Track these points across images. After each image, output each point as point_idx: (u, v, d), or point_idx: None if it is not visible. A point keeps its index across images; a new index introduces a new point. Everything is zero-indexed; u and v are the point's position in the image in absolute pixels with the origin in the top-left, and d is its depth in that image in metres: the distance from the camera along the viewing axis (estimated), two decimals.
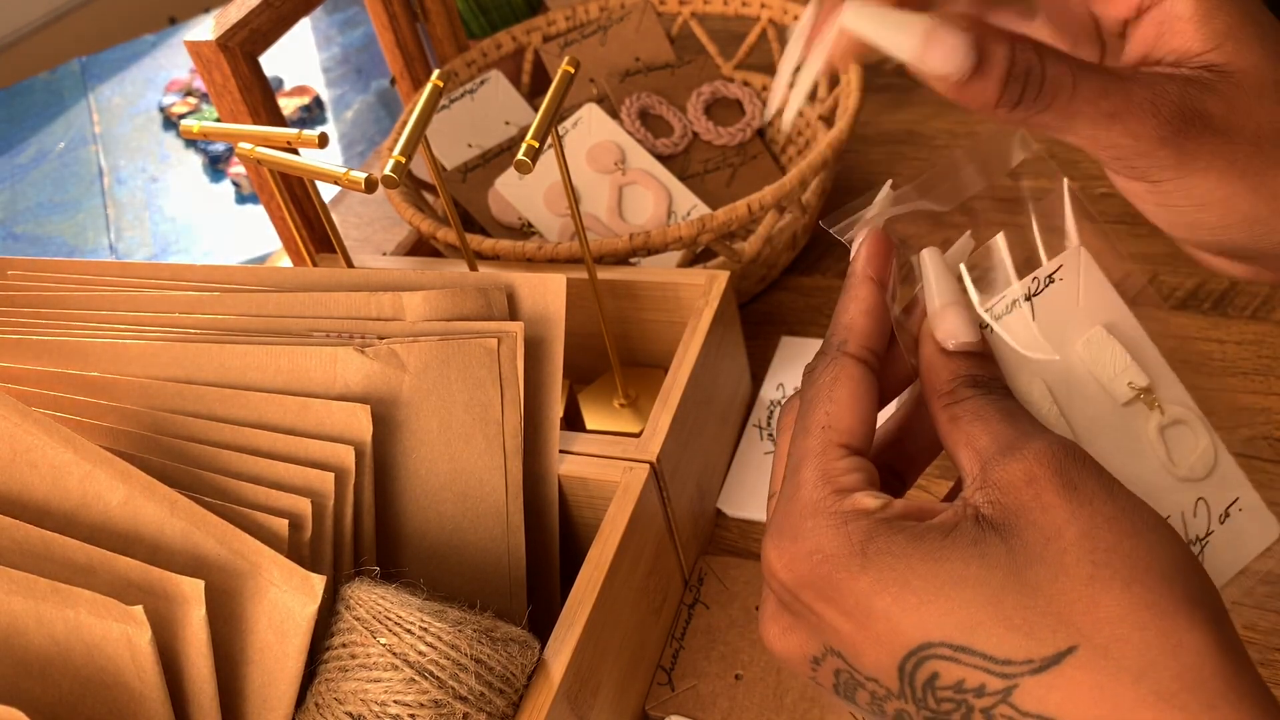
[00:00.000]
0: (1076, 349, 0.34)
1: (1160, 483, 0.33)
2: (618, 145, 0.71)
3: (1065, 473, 0.27)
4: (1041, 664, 0.25)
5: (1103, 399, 0.33)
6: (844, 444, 0.30)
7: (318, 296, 0.47)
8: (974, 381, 0.30)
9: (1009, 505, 0.27)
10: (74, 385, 0.43)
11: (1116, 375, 0.34)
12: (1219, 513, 0.33)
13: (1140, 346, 0.35)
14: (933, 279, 0.33)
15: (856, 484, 0.29)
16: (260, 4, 0.58)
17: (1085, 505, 0.26)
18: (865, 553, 0.27)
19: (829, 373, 0.32)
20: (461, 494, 0.44)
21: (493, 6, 0.90)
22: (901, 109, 0.82)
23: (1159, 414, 0.34)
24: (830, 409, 0.31)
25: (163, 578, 0.34)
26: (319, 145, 0.46)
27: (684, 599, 0.52)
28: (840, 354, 0.32)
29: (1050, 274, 0.34)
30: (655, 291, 0.56)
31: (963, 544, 0.27)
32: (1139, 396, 0.34)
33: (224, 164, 1.20)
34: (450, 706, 0.35)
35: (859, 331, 0.32)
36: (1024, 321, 0.33)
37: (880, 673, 0.27)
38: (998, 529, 0.27)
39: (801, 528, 0.29)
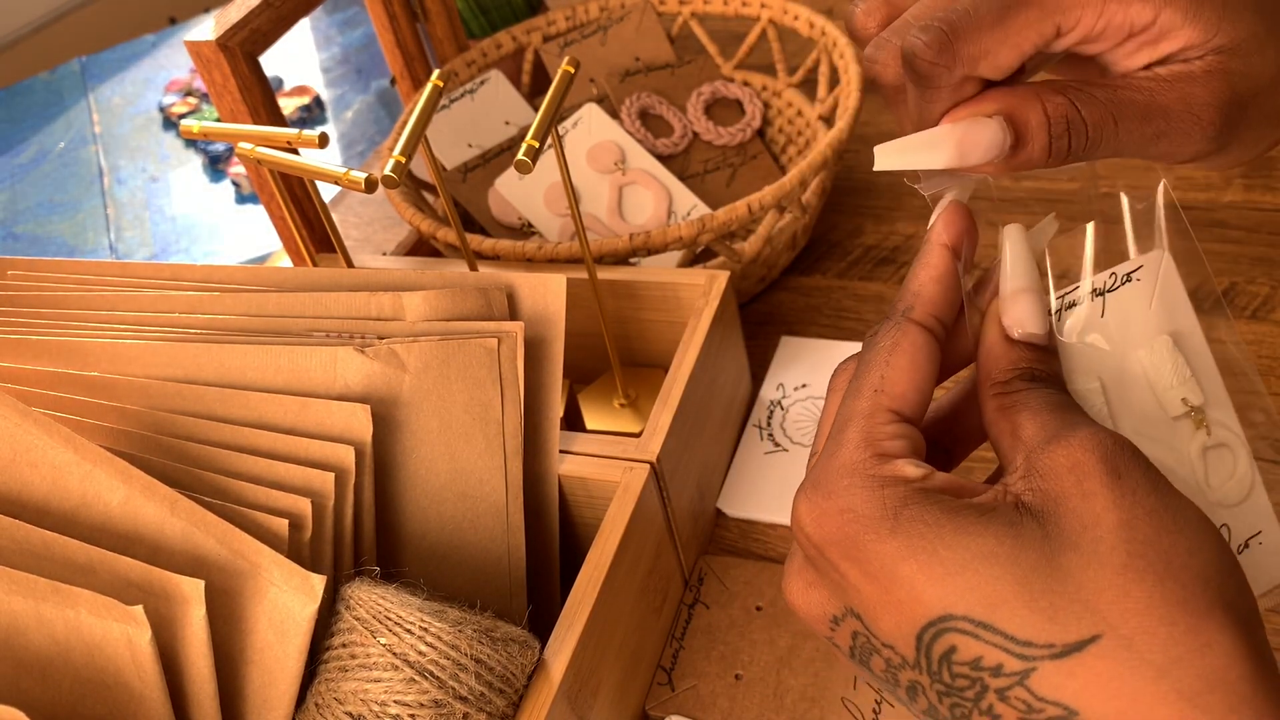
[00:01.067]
0: (1139, 353, 0.33)
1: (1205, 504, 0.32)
2: (618, 145, 0.71)
3: (1110, 460, 0.26)
4: (1063, 649, 0.24)
5: (1153, 408, 0.33)
6: (894, 409, 0.30)
7: (318, 296, 0.47)
8: (1031, 375, 0.30)
9: (1050, 491, 0.26)
10: (74, 385, 0.43)
11: (1172, 388, 0.33)
12: (1239, 543, 0.33)
13: (1202, 363, 0.34)
14: (1010, 259, 0.32)
15: (900, 450, 0.29)
16: (260, 4, 0.58)
17: (1128, 495, 0.26)
18: (898, 517, 0.27)
19: (890, 337, 0.31)
20: (461, 494, 0.44)
21: (493, 6, 0.90)
22: None
23: (1205, 434, 0.33)
24: (886, 373, 0.30)
25: (163, 578, 0.34)
26: (319, 145, 0.46)
27: (684, 599, 0.52)
28: (905, 319, 0.31)
29: (1129, 272, 0.33)
30: (655, 291, 0.56)
31: (999, 523, 0.26)
32: (1189, 414, 0.33)
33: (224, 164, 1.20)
34: (450, 706, 0.35)
35: (926, 298, 0.31)
36: (1092, 315, 0.32)
37: (898, 640, 0.27)
38: (1036, 514, 0.26)
39: (837, 485, 0.28)
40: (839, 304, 0.67)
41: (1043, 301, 0.31)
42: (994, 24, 0.30)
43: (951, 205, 0.33)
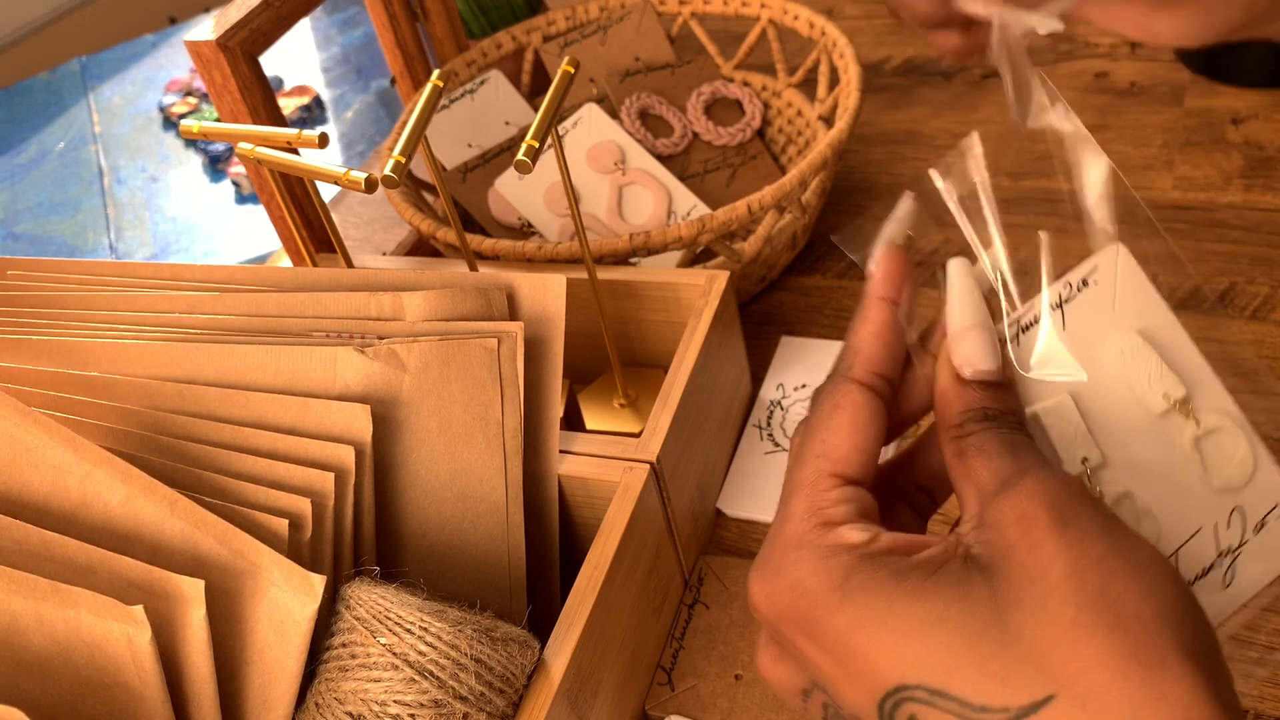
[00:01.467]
0: (1109, 359, 0.32)
1: (1196, 494, 0.32)
2: (618, 145, 0.71)
3: (1057, 507, 0.26)
4: (1018, 713, 0.24)
5: (1136, 410, 0.32)
6: (837, 474, 0.30)
7: (318, 296, 0.47)
8: (984, 415, 0.29)
9: (997, 544, 0.26)
10: (74, 385, 0.43)
11: (1151, 386, 0.32)
12: (1255, 522, 0.32)
13: (1180, 351, 0.33)
14: (956, 296, 0.31)
15: (845, 516, 0.29)
16: (260, 4, 0.58)
17: (1075, 544, 0.25)
18: (845, 588, 0.27)
19: (830, 398, 0.31)
20: (461, 494, 0.44)
21: (493, 6, 0.90)
22: (901, 109, 0.82)
23: (1194, 425, 0.32)
24: (827, 437, 0.30)
25: (163, 578, 0.34)
26: (319, 145, 0.46)
27: (684, 599, 0.52)
28: (844, 379, 0.31)
29: (1084, 277, 0.32)
30: (655, 291, 0.56)
31: (947, 583, 0.26)
32: (1174, 407, 0.32)
33: (224, 164, 1.20)
34: (450, 706, 0.35)
35: (865, 355, 0.31)
36: (1054, 332, 0.32)
37: (862, 711, 0.27)
38: (983, 569, 0.26)
39: (784, 561, 0.28)
40: (839, 304, 0.67)
41: (992, 336, 0.31)
42: None
43: (885, 251, 0.33)
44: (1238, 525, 0.32)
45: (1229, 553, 0.32)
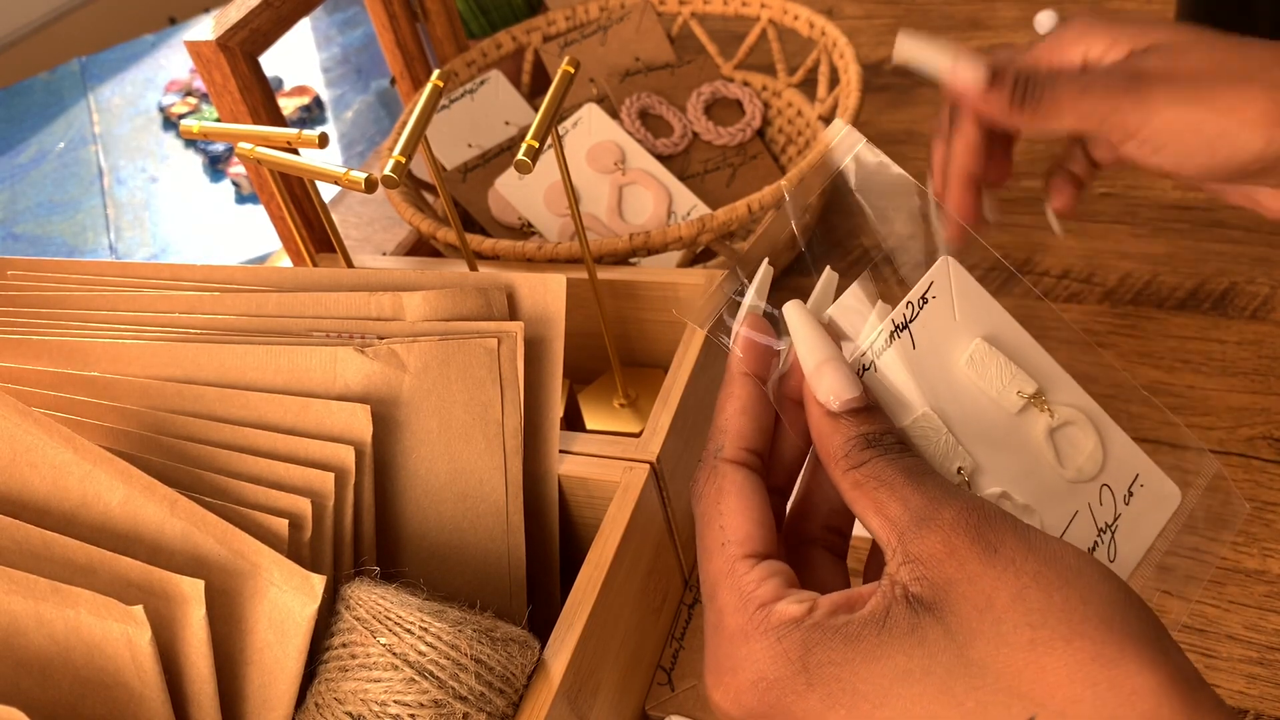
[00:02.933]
0: (961, 367, 0.33)
1: (1060, 485, 0.33)
2: (618, 145, 0.71)
3: (983, 537, 0.26)
4: None
5: (996, 413, 0.33)
6: (749, 554, 0.30)
7: (318, 296, 0.47)
8: (868, 441, 0.30)
9: (936, 580, 0.26)
10: (74, 385, 0.43)
11: (1004, 387, 0.33)
12: (1122, 494, 0.33)
13: (1025, 350, 0.34)
14: (799, 337, 0.32)
15: (774, 592, 0.29)
16: (260, 4, 0.58)
17: (1009, 567, 0.26)
18: (807, 667, 0.27)
19: (711, 485, 0.31)
20: (461, 494, 0.44)
21: (493, 6, 0.90)
22: (901, 109, 0.82)
23: (1049, 416, 0.33)
24: (723, 523, 0.31)
25: (163, 578, 0.34)
26: (319, 145, 0.46)
27: (684, 599, 0.52)
28: (719, 462, 0.32)
29: (923, 295, 0.33)
30: (655, 291, 0.56)
31: (899, 634, 0.26)
32: (1030, 401, 0.33)
33: (224, 164, 1.20)
34: (450, 706, 0.35)
35: (735, 433, 0.32)
36: (905, 352, 0.32)
37: None
38: (931, 609, 0.26)
39: (736, 657, 0.28)
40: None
41: (845, 366, 0.31)
42: None
43: (746, 324, 0.33)
44: (1109, 501, 0.33)
45: (1107, 529, 0.33)
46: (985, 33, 0.87)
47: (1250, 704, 0.44)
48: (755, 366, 0.32)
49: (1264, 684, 0.44)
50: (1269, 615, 0.46)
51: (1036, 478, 0.33)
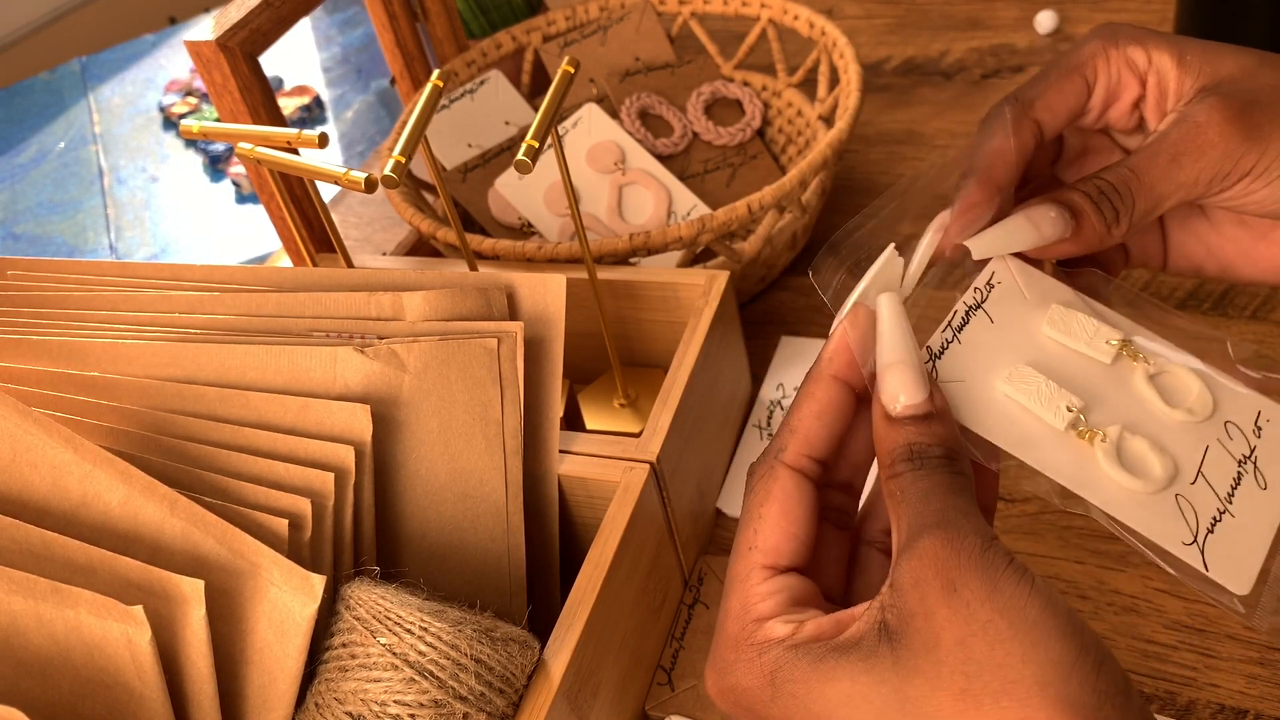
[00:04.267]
0: (1044, 332, 0.34)
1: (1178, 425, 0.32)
2: (618, 145, 0.71)
3: (946, 573, 0.26)
4: None
5: (1091, 366, 0.33)
6: (769, 565, 0.31)
7: (318, 296, 0.47)
8: (910, 453, 0.29)
9: (901, 609, 0.27)
10: (74, 385, 0.43)
11: (1092, 339, 0.33)
12: (1250, 429, 0.33)
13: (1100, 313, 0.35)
14: (885, 331, 0.31)
15: (774, 609, 0.30)
16: (260, 4, 0.58)
17: (962, 610, 0.26)
18: (774, 683, 0.28)
19: (763, 485, 0.32)
20: (461, 494, 0.44)
21: (493, 6, 0.90)
22: (901, 109, 0.82)
23: (1144, 364, 0.33)
24: (759, 527, 0.31)
25: (163, 578, 0.34)
26: (319, 145, 0.46)
27: (684, 599, 0.52)
28: (776, 462, 0.32)
29: (987, 281, 0.35)
30: (655, 291, 0.56)
31: (855, 659, 0.27)
32: (1122, 351, 0.34)
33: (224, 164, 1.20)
34: (450, 706, 0.35)
35: (803, 437, 0.32)
36: (985, 326, 0.33)
37: None
38: (891, 637, 0.27)
39: (726, 661, 0.30)
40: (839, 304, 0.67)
41: (918, 368, 0.31)
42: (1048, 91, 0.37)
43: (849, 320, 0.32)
44: (1239, 435, 0.33)
45: (1246, 459, 0.32)
46: (985, 32, 0.87)
47: (1250, 704, 0.44)
48: (845, 367, 0.32)
49: (1264, 684, 0.44)
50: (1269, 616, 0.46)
51: (1152, 418, 0.32)
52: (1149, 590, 0.48)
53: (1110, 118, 0.38)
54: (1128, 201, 0.34)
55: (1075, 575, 0.49)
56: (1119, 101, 0.38)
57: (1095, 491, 0.31)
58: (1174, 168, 0.34)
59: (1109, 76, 0.37)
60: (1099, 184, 0.34)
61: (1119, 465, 0.31)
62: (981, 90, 0.82)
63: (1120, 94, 0.37)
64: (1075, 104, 0.37)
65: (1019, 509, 0.52)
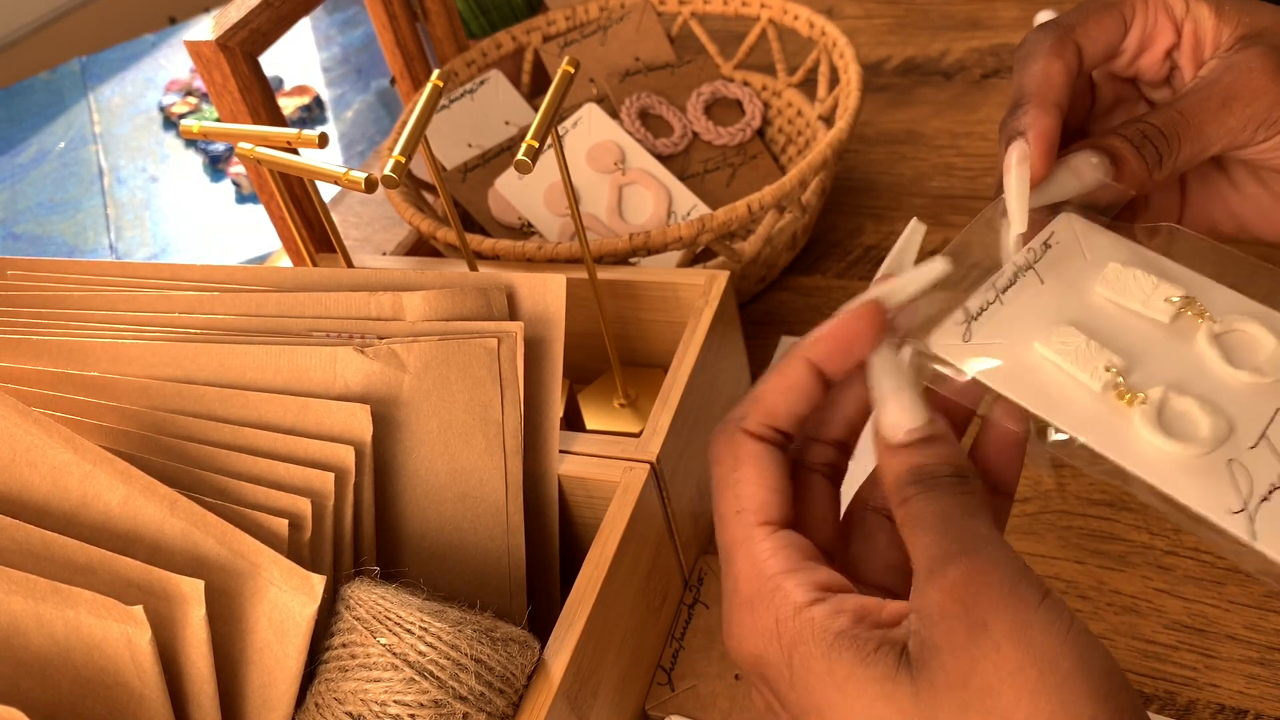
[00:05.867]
0: (1097, 291, 0.32)
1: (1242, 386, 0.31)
2: (618, 145, 0.71)
3: (976, 611, 0.26)
4: None
5: (1146, 326, 0.32)
6: (763, 521, 0.30)
7: (318, 296, 0.47)
8: (917, 476, 0.29)
9: (926, 641, 0.26)
10: (74, 385, 0.43)
11: (1149, 297, 0.32)
12: None
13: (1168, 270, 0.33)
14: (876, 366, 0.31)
15: (786, 563, 0.29)
16: (260, 4, 0.58)
17: (992, 652, 0.25)
18: (791, 664, 0.28)
19: (729, 453, 0.31)
20: (461, 494, 0.44)
21: (493, 6, 0.90)
22: (901, 109, 0.82)
23: (1210, 323, 0.32)
24: (738, 491, 0.31)
25: (163, 578, 0.34)
26: (319, 145, 0.46)
27: (684, 599, 0.52)
28: (738, 430, 0.31)
29: (1045, 241, 0.33)
30: (655, 291, 0.56)
31: (874, 676, 0.26)
32: (1182, 310, 0.32)
33: (224, 164, 1.20)
34: (450, 706, 0.35)
35: (764, 407, 0.31)
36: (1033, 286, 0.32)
37: None
38: (912, 665, 0.26)
39: (744, 626, 0.30)
40: (839, 304, 0.67)
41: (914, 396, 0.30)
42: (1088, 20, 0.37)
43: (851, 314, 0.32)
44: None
45: None
46: (985, 32, 0.87)
47: (1250, 704, 0.44)
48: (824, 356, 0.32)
49: (1264, 684, 0.44)
50: (1269, 615, 0.46)
51: (1209, 379, 0.31)
52: (1149, 590, 0.48)
53: (1142, 65, 0.38)
54: (1174, 145, 0.34)
55: (1075, 575, 0.49)
56: (1153, 47, 0.37)
57: (1129, 456, 0.29)
58: (1225, 112, 0.33)
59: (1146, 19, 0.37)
60: (1143, 128, 0.34)
61: (1158, 429, 0.29)
62: (981, 90, 0.82)
63: (1155, 39, 0.37)
64: (1113, 38, 0.37)
65: (1019, 509, 0.52)
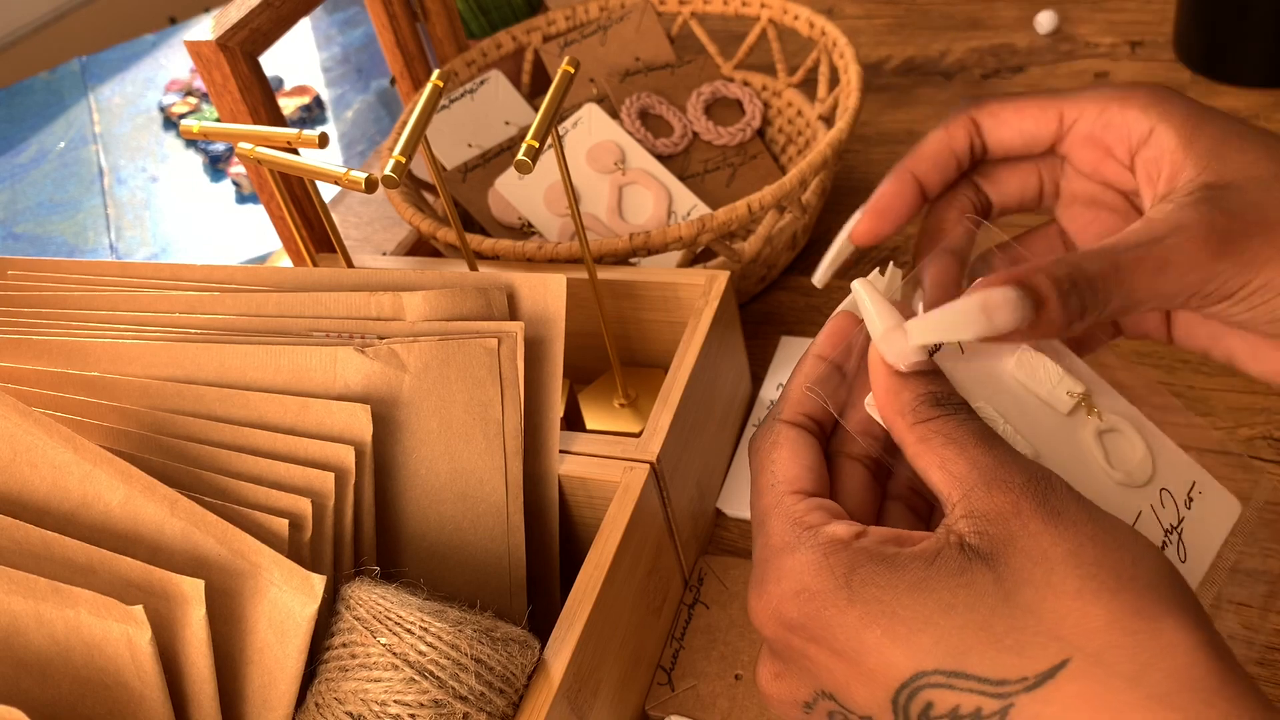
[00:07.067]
0: (1010, 369, 0.34)
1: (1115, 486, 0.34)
2: (618, 145, 0.71)
3: (1049, 503, 0.27)
4: (1036, 680, 0.25)
5: (1047, 414, 0.34)
6: (796, 490, 0.31)
7: (318, 296, 0.47)
8: (937, 399, 0.30)
9: (996, 536, 0.27)
10: (74, 385, 0.43)
11: (1054, 387, 0.34)
12: (1182, 500, 0.34)
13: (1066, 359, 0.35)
14: (872, 306, 0.32)
15: (823, 519, 0.30)
16: (260, 4, 0.58)
17: (1070, 528, 0.27)
18: (850, 584, 0.28)
19: (767, 440, 0.33)
20: (461, 494, 0.44)
21: (493, 6, 0.90)
22: (901, 109, 0.82)
23: (1097, 419, 0.34)
24: (774, 469, 0.32)
25: (163, 578, 0.34)
26: (319, 145, 0.46)
27: (684, 599, 0.52)
28: (775, 421, 0.33)
29: None
30: (655, 291, 0.56)
31: (947, 572, 0.27)
32: (1080, 404, 0.34)
33: (224, 164, 1.20)
34: (450, 706, 0.35)
35: (794, 401, 0.34)
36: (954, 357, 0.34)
37: (874, 708, 0.28)
38: (984, 558, 0.27)
39: (782, 570, 0.29)
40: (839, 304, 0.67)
41: None
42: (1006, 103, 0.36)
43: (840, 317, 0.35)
44: (1170, 504, 0.34)
45: (1173, 529, 0.34)
46: (985, 32, 0.87)
47: None
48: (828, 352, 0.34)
49: (1264, 684, 0.44)
50: (1269, 615, 0.46)
51: (1091, 476, 0.33)
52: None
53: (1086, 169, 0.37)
54: (1101, 299, 0.30)
55: None
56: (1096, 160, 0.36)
57: None
58: (1159, 277, 0.31)
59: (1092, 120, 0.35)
60: (1073, 274, 0.30)
61: None
62: (981, 90, 0.82)
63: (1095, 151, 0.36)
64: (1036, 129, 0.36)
65: None
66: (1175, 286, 0.31)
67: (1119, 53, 0.80)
